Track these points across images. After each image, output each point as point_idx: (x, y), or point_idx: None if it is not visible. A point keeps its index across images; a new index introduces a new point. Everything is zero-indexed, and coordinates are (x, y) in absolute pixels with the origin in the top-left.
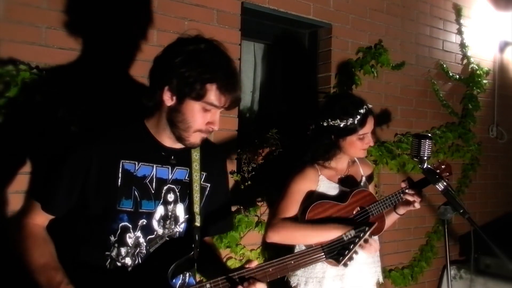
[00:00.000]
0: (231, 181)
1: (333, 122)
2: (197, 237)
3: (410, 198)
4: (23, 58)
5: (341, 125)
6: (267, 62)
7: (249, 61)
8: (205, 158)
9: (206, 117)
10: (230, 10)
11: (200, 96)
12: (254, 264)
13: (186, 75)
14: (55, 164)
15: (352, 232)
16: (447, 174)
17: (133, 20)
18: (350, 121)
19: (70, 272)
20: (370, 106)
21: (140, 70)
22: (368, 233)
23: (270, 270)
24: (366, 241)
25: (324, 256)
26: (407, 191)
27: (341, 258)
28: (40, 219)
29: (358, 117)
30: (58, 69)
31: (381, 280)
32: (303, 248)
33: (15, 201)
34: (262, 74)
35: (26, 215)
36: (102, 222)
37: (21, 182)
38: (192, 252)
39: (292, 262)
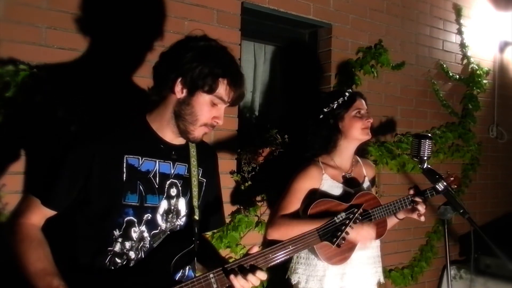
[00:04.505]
0: (231, 181)
1: (326, 108)
2: (196, 230)
3: (419, 208)
4: (23, 58)
5: (335, 106)
6: (267, 62)
7: (249, 61)
8: (200, 154)
9: (212, 112)
10: (230, 10)
11: (212, 89)
12: (255, 249)
13: (200, 68)
14: (56, 160)
15: (343, 214)
16: (455, 186)
17: (133, 20)
18: (341, 99)
19: (67, 272)
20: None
21: (140, 70)
22: (357, 214)
23: (270, 255)
24: (356, 221)
25: (319, 238)
26: (416, 199)
27: (335, 239)
28: (37, 218)
29: (347, 94)
30: (58, 69)
31: (382, 280)
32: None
33: (14, 201)
34: (262, 74)
35: (21, 215)
36: (106, 217)
37: (21, 182)
38: (193, 245)
39: (291, 246)
